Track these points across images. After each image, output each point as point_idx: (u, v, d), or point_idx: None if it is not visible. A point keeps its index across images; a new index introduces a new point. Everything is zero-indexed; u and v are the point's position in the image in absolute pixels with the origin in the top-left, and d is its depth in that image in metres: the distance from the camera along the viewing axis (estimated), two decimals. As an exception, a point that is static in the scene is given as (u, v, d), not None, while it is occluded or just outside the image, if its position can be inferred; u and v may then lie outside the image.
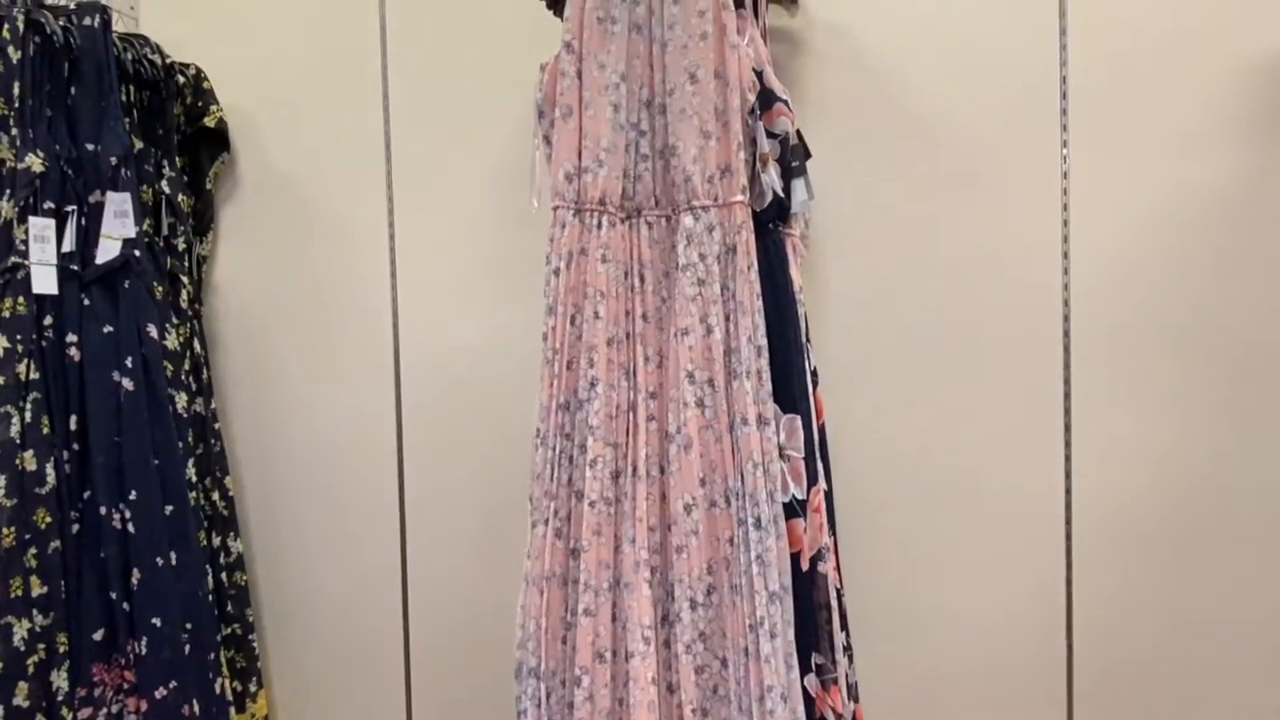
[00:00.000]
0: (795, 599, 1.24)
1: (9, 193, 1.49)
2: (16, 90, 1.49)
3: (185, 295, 1.74)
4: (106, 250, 1.56)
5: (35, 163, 1.50)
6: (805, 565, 1.27)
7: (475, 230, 1.73)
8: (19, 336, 1.47)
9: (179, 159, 1.77)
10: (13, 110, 1.49)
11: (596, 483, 1.26)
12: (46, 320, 1.51)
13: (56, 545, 1.47)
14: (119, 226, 1.56)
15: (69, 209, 1.54)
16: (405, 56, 1.76)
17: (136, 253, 1.57)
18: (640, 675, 1.22)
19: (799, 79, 1.58)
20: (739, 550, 1.22)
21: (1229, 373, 1.47)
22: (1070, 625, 1.53)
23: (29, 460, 1.45)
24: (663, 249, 1.32)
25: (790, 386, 1.28)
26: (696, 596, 1.24)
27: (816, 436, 1.32)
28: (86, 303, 1.55)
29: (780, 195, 1.30)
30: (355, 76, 1.77)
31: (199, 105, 1.78)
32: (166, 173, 1.74)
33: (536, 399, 1.31)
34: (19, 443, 1.45)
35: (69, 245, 1.54)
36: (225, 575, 1.74)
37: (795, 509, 1.27)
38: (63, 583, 1.48)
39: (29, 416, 1.46)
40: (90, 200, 1.57)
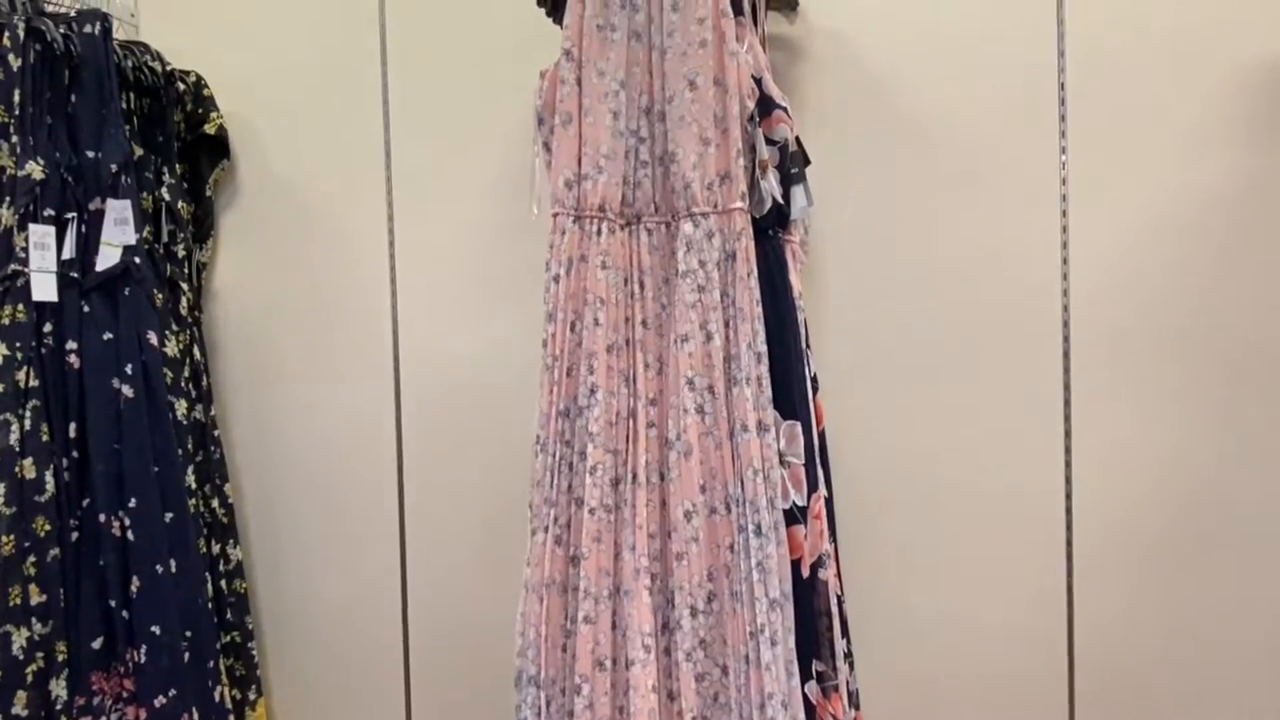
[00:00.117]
0: (796, 606, 1.24)
1: (9, 200, 1.49)
2: (17, 97, 1.49)
3: (185, 302, 1.74)
4: (106, 257, 1.56)
5: (35, 170, 1.50)
6: (806, 572, 1.26)
7: (475, 237, 1.73)
8: (19, 344, 1.47)
9: (179, 166, 1.78)
10: (13, 117, 1.49)
11: (596, 489, 1.26)
12: (46, 327, 1.51)
13: (56, 553, 1.47)
14: (119, 234, 1.57)
15: (69, 216, 1.54)
16: (405, 63, 1.76)
17: (136, 260, 1.57)
18: (640, 683, 1.21)
19: (798, 86, 1.58)
20: (739, 557, 1.22)
21: (1229, 374, 1.47)
22: (1071, 630, 1.53)
23: (28, 468, 1.45)
24: (662, 255, 1.31)
25: (790, 393, 1.28)
26: (697, 604, 1.24)
27: (817, 443, 1.32)
28: (86, 310, 1.55)
29: (780, 202, 1.30)
30: (355, 83, 1.78)
31: (199, 112, 1.78)
32: (166, 180, 1.74)
33: (536, 405, 1.31)
34: (18, 450, 1.44)
35: (69, 252, 1.54)
36: (225, 582, 1.74)
37: (796, 515, 1.26)
38: (62, 591, 1.47)
39: (28, 424, 1.46)
40: (90, 207, 1.57)
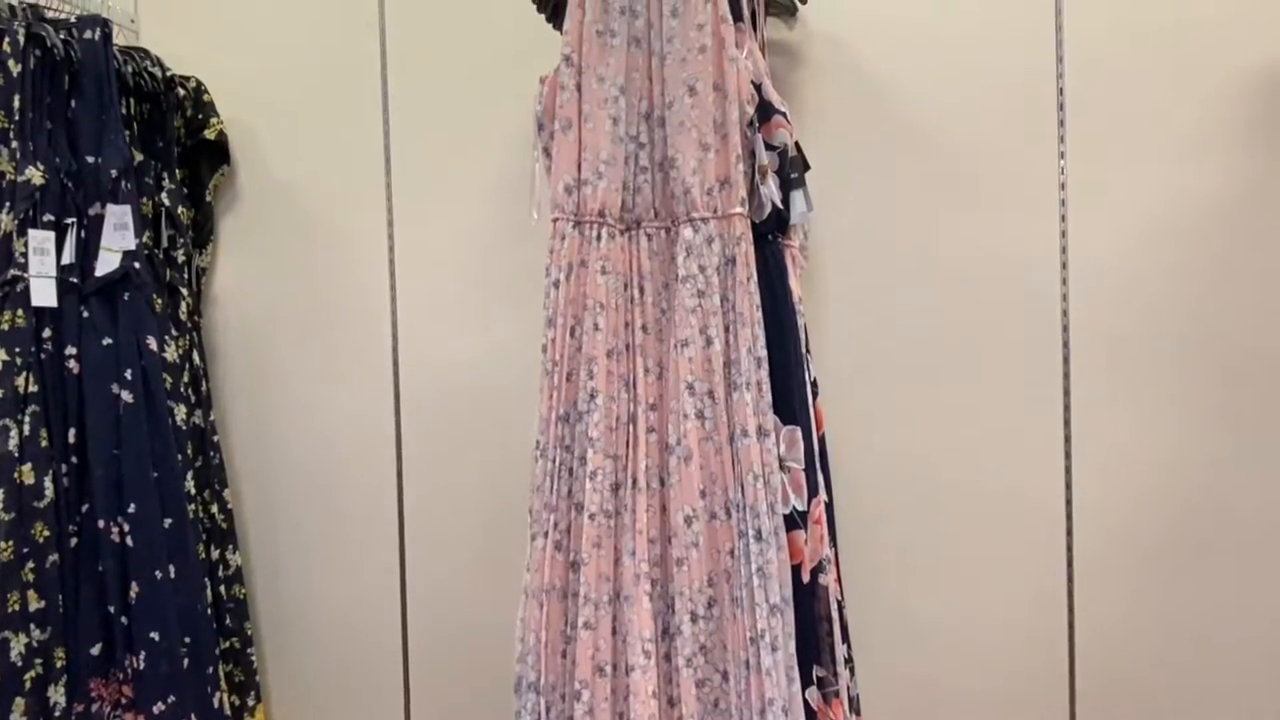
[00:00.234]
0: (796, 611, 1.23)
1: (9, 205, 1.49)
2: (17, 103, 1.49)
3: (185, 307, 1.74)
4: (106, 263, 1.56)
5: (35, 175, 1.50)
6: (806, 577, 1.26)
7: (475, 242, 1.73)
8: (18, 349, 1.47)
9: (179, 171, 1.78)
10: (13, 123, 1.50)
11: (596, 495, 1.25)
12: (46, 333, 1.51)
13: (54, 559, 1.47)
14: (119, 239, 1.57)
15: (69, 221, 1.54)
16: (405, 69, 1.76)
17: (136, 265, 1.57)
18: (641, 689, 1.21)
19: (797, 91, 1.58)
20: (740, 563, 1.22)
21: (1228, 378, 1.47)
22: (1072, 635, 1.53)
23: (27, 473, 1.45)
24: (662, 261, 1.31)
25: (790, 398, 1.28)
26: (697, 609, 1.23)
27: (817, 447, 1.32)
28: (86, 315, 1.54)
29: (779, 207, 1.30)
30: (355, 89, 1.78)
31: (199, 118, 1.78)
32: (166, 185, 1.74)
33: (536, 411, 1.31)
34: (17, 456, 1.44)
35: (68, 258, 1.54)
36: (224, 588, 1.73)
37: (796, 521, 1.26)
38: (60, 597, 1.47)
39: (27, 429, 1.46)
40: (90, 213, 1.57)
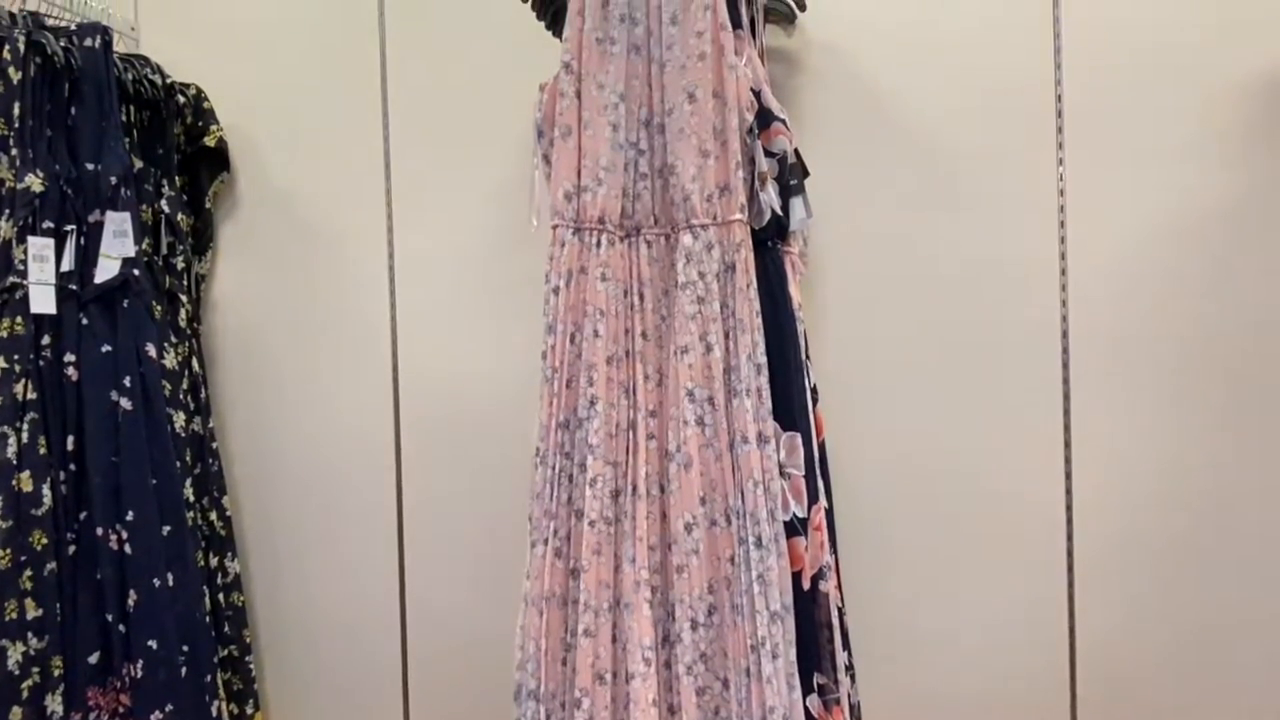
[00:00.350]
0: (797, 618, 1.23)
1: (8, 213, 1.49)
2: (17, 110, 1.50)
3: (184, 314, 1.74)
4: (105, 269, 1.56)
5: (35, 182, 1.50)
6: (806, 584, 1.26)
7: (474, 248, 1.73)
8: (16, 356, 1.46)
9: (179, 178, 1.78)
10: (13, 130, 1.50)
11: (596, 502, 1.25)
12: (44, 340, 1.51)
13: (52, 567, 1.46)
14: (118, 246, 1.57)
15: (68, 228, 1.54)
16: (405, 76, 1.77)
17: (135, 272, 1.57)
18: (641, 697, 1.21)
19: (796, 98, 1.59)
20: (740, 569, 1.21)
21: (1228, 382, 1.47)
22: (1073, 640, 1.52)
23: (25, 481, 1.44)
24: (662, 267, 1.32)
25: (790, 404, 1.28)
26: (697, 616, 1.23)
27: (817, 454, 1.32)
28: (85, 322, 1.54)
29: (779, 213, 1.30)
30: (355, 96, 1.78)
31: (199, 125, 1.78)
32: (166, 192, 1.74)
33: (536, 417, 1.30)
34: (15, 463, 1.44)
35: (68, 264, 1.54)
36: (222, 596, 1.73)
37: (796, 527, 1.26)
38: (58, 605, 1.46)
39: (26, 437, 1.45)
40: (89, 219, 1.57)
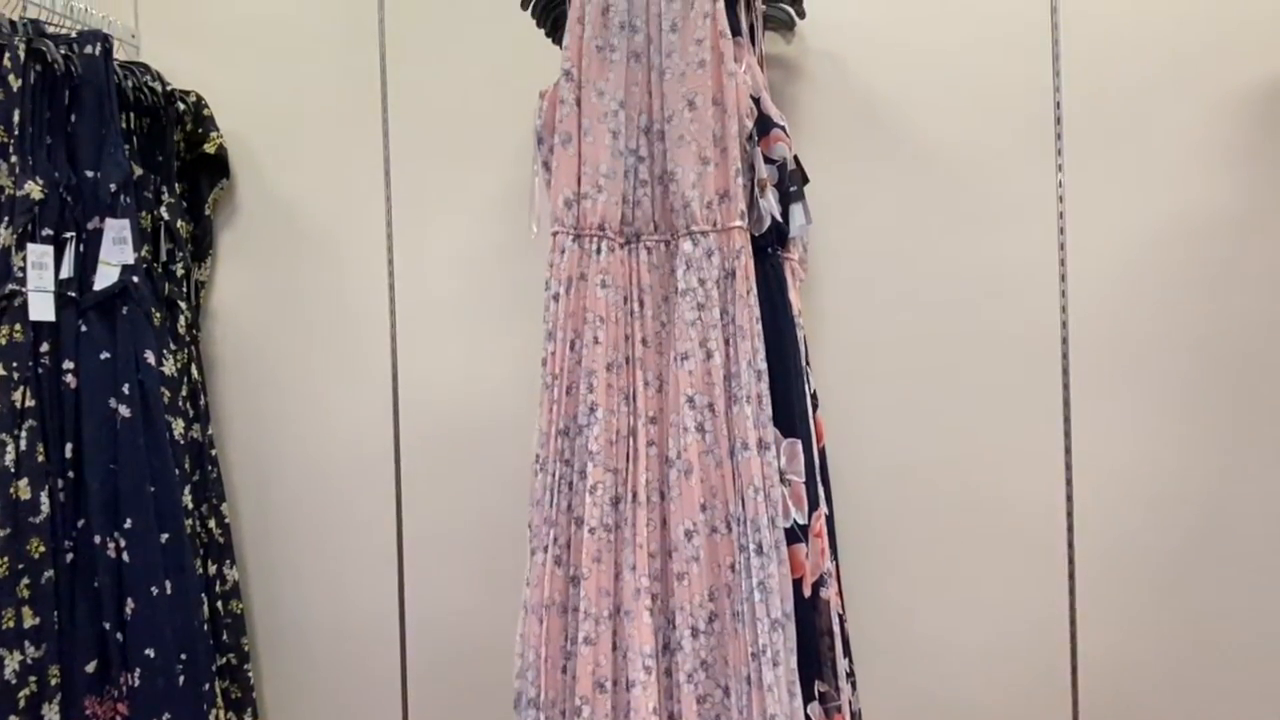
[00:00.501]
0: (797, 625, 1.23)
1: (7, 220, 1.49)
2: (16, 118, 1.50)
3: (183, 321, 1.74)
4: (105, 276, 1.56)
5: (34, 190, 1.50)
6: (807, 591, 1.26)
7: (474, 255, 1.73)
8: (15, 364, 1.46)
9: (178, 185, 1.78)
10: (12, 137, 1.50)
11: (596, 509, 1.25)
12: (43, 347, 1.50)
13: (50, 575, 1.45)
14: (118, 253, 1.56)
15: (67, 235, 1.54)
16: (405, 83, 1.77)
17: (135, 279, 1.57)
18: (641, 705, 1.20)
19: (796, 105, 1.59)
20: (740, 577, 1.21)
21: (1229, 391, 1.47)
22: (1075, 647, 1.52)
23: (23, 489, 1.44)
24: (662, 274, 1.32)
25: (790, 410, 1.28)
26: (698, 624, 1.23)
27: (817, 460, 1.32)
28: (84, 329, 1.54)
29: (779, 220, 1.30)
30: (355, 103, 1.78)
31: (199, 132, 1.79)
32: (165, 199, 1.74)
33: (536, 424, 1.30)
34: (13, 471, 1.43)
35: (67, 271, 1.53)
36: (221, 604, 1.72)
37: (797, 534, 1.26)
38: (55, 614, 1.46)
39: (24, 445, 1.45)
40: (89, 226, 1.57)
